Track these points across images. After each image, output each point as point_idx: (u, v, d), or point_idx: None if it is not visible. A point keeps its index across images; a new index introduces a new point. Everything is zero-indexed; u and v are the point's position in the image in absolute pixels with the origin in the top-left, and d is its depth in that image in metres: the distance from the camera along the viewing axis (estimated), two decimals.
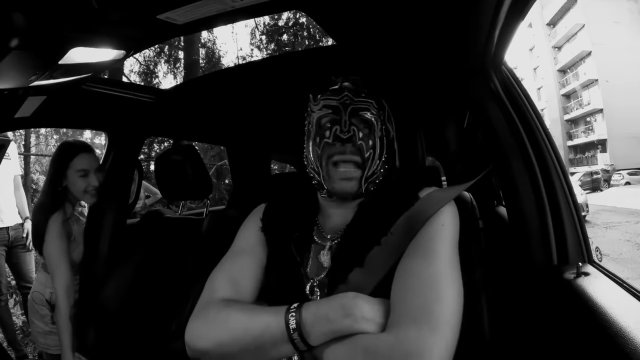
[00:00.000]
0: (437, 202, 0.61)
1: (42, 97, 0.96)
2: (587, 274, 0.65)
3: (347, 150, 0.64)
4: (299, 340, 0.52)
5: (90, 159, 1.32)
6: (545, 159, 0.78)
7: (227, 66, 2.44)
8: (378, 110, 0.68)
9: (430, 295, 0.52)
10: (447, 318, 0.51)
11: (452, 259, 0.58)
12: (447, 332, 0.50)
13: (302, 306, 0.54)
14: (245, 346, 0.54)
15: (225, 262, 0.69)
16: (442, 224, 0.59)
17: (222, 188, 6.48)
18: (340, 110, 0.66)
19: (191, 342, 0.58)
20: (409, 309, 0.51)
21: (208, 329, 0.57)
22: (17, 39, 0.56)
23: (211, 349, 0.56)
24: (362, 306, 0.53)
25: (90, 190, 1.31)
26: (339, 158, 0.64)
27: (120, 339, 1.23)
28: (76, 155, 1.30)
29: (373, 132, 0.66)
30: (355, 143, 0.64)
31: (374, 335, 0.51)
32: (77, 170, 1.29)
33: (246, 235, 0.73)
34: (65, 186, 1.31)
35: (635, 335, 0.45)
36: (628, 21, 18.36)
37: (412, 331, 0.49)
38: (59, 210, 1.27)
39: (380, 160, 0.66)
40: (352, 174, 0.65)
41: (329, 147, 0.65)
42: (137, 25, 0.64)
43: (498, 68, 0.84)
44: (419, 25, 0.71)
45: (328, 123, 0.67)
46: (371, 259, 0.59)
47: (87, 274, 1.38)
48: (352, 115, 0.66)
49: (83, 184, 1.30)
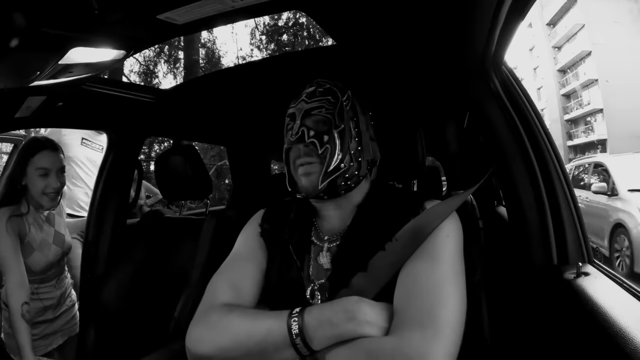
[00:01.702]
0: (442, 214, 0.61)
1: (42, 97, 0.96)
2: (587, 274, 0.65)
3: (301, 152, 0.67)
4: (302, 345, 0.52)
5: (54, 157, 1.22)
6: (545, 159, 0.78)
7: (227, 66, 2.44)
8: (335, 105, 0.67)
9: (433, 300, 0.52)
10: (450, 323, 0.51)
11: (455, 266, 0.58)
12: (450, 337, 0.50)
13: (305, 310, 0.54)
14: (248, 351, 0.54)
15: (226, 267, 0.70)
16: (447, 235, 0.60)
17: (222, 188, 6.48)
18: (295, 115, 0.69)
19: (192, 346, 0.57)
20: (413, 313, 0.52)
21: (210, 334, 0.57)
22: (17, 39, 0.56)
23: (213, 354, 0.55)
24: (365, 310, 0.53)
25: (49, 193, 1.21)
26: (297, 160, 0.67)
27: (120, 339, 1.23)
28: (38, 152, 1.19)
29: (330, 128, 0.66)
30: (306, 143, 0.66)
31: (377, 339, 0.51)
32: (37, 168, 1.18)
33: (245, 240, 0.74)
34: (24, 185, 1.20)
35: (635, 335, 0.45)
36: (628, 21, 18.34)
37: (415, 335, 0.49)
38: (11, 206, 1.18)
39: (343, 154, 0.65)
40: (310, 169, 0.66)
41: (289, 152, 0.70)
42: (137, 25, 0.64)
43: (498, 68, 0.84)
44: (419, 25, 0.71)
45: (287, 130, 0.70)
46: (374, 264, 0.59)
47: (87, 274, 1.38)
48: (305, 117, 0.67)
49: (42, 184, 1.19)
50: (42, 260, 1.23)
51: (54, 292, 1.29)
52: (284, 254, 0.68)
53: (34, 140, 1.23)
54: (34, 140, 1.23)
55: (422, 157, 0.88)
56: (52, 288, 1.28)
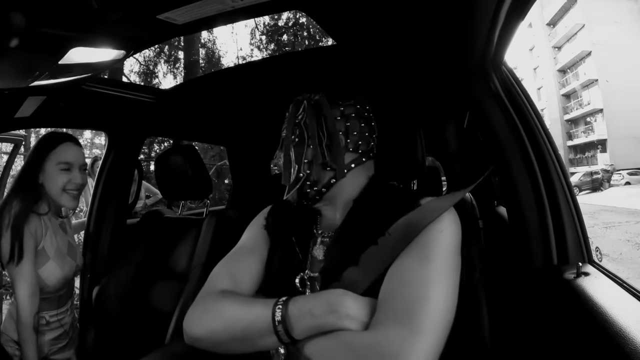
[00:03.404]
0: (437, 209, 0.60)
1: (42, 97, 0.96)
2: (587, 274, 0.65)
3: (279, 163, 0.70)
4: (283, 332, 0.53)
5: (77, 151, 1.10)
6: (545, 159, 0.78)
7: (227, 66, 2.44)
8: (290, 121, 0.69)
9: (416, 297, 0.52)
10: (432, 320, 0.50)
11: (448, 264, 0.56)
12: (430, 336, 0.49)
13: (290, 300, 0.55)
14: (234, 335, 0.56)
15: (228, 257, 0.72)
16: (440, 231, 0.59)
17: (222, 188, 6.49)
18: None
19: (188, 328, 0.60)
20: (393, 309, 0.51)
21: (204, 317, 0.59)
22: (17, 39, 0.56)
23: (204, 335, 0.58)
24: (347, 304, 0.53)
25: (70, 190, 1.07)
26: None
27: (120, 339, 1.23)
28: (59, 144, 1.07)
29: (287, 146, 0.68)
30: (275, 164, 0.70)
31: (356, 333, 0.51)
32: (59, 162, 1.06)
33: (250, 233, 0.76)
34: (41, 184, 1.06)
35: (635, 336, 0.45)
36: (628, 21, 18.35)
37: (392, 331, 0.49)
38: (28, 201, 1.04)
39: (298, 165, 0.66)
40: (284, 183, 0.69)
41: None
42: (137, 25, 0.64)
43: (498, 68, 0.84)
44: (419, 25, 0.71)
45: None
46: (366, 259, 0.59)
47: (87, 274, 1.38)
48: (280, 146, 0.71)
49: (63, 180, 1.06)
50: (57, 273, 1.08)
51: (69, 317, 1.18)
52: (286, 246, 0.69)
53: (54, 134, 1.11)
54: (54, 134, 1.11)
55: (422, 157, 0.88)
56: (65, 314, 1.16)
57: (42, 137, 1.11)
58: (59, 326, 1.13)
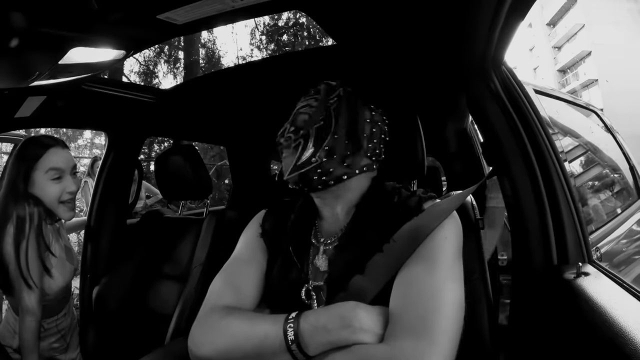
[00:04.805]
0: (441, 214, 0.60)
1: (42, 97, 0.96)
2: (587, 274, 0.65)
3: (282, 145, 0.68)
4: (297, 351, 0.52)
5: (66, 155, 1.01)
6: (545, 159, 0.78)
7: (227, 66, 2.44)
8: (321, 102, 0.67)
9: (429, 307, 0.52)
10: (445, 330, 0.50)
11: (454, 270, 0.57)
12: (445, 345, 0.49)
13: (301, 315, 0.54)
14: (246, 354, 0.54)
15: (227, 268, 0.70)
16: (445, 237, 0.59)
17: (222, 188, 6.48)
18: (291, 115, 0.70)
19: (194, 347, 0.58)
20: (407, 320, 0.51)
21: (210, 336, 0.57)
22: (17, 39, 0.56)
23: (213, 356, 0.56)
24: (361, 317, 0.52)
25: (67, 200, 1.00)
26: (281, 154, 0.69)
27: (120, 339, 1.23)
28: (47, 150, 0.97)
29: (309, 124, 0.65)
30: (285, 137, 0.68)
31: (371, 346, 0.51)
32: (49, 169, 0.97)
33: (246, 241, 0.74)
34: (31, 194, 0.97)
35: (635, 335, 0.45)
36: (628, 21, 18.34)
37: (408, 343, 0.49)
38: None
39: (315, 149, 0.64)
40: (286, 160, 0.67)
41: (279, 147, 0.71)
42: (137, 25, 0.64)
43: (498, 68, 0.84)
44: (419, 25, 0.71)
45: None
46: (372, 267, 0.58)
47: (87, 274, 1.38)
48: (295, 115, 0.69)
49: (56, 191, 0.97)
50: (59, 281, 1.04)
51: (67, 321, 1.15)
52: (285, 256, 0.68)
53: (35, 140, 1.00)
54: (34, 140, 1.00)
55: (422, 157, 0.88)
56: (62, 318, 1.14)
57: (21, 145, 0.99)
58: (56, 332, 1.12)
